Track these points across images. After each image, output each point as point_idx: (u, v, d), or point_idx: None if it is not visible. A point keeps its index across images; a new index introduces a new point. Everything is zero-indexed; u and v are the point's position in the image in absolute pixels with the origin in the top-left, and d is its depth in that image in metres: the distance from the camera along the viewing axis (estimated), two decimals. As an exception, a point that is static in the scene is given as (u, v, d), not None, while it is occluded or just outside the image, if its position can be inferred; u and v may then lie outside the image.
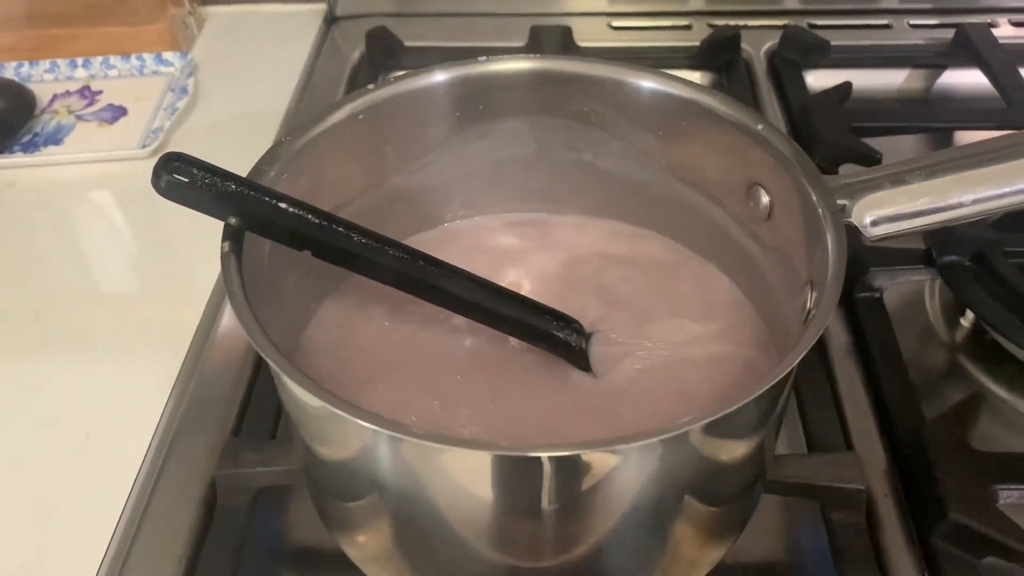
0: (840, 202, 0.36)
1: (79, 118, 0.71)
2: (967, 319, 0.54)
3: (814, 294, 0.35)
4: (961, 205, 0.36)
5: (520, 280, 0.47)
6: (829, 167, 0.62)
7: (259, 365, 0.52)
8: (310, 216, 0.36)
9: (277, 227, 0.36)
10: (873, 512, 0.44)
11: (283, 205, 0.36)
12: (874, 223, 0.36)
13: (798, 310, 0.37)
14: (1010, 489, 0.43)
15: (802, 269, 0.38)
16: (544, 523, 0.34)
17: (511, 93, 0.44)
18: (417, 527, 0.36)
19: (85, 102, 0.73)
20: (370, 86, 0.42)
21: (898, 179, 0.37)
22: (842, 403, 0.49)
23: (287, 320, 0.42)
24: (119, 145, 0.67)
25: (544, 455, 0.30)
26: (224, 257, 0.35)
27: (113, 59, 0.75)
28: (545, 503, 0.32)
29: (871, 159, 0.60)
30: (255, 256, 0.37)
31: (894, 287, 0.55)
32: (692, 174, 0.44)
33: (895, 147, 0.63)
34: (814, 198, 0.36)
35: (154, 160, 0.35)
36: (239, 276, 0.34)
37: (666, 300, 0.45)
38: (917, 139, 0.68)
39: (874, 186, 0.37)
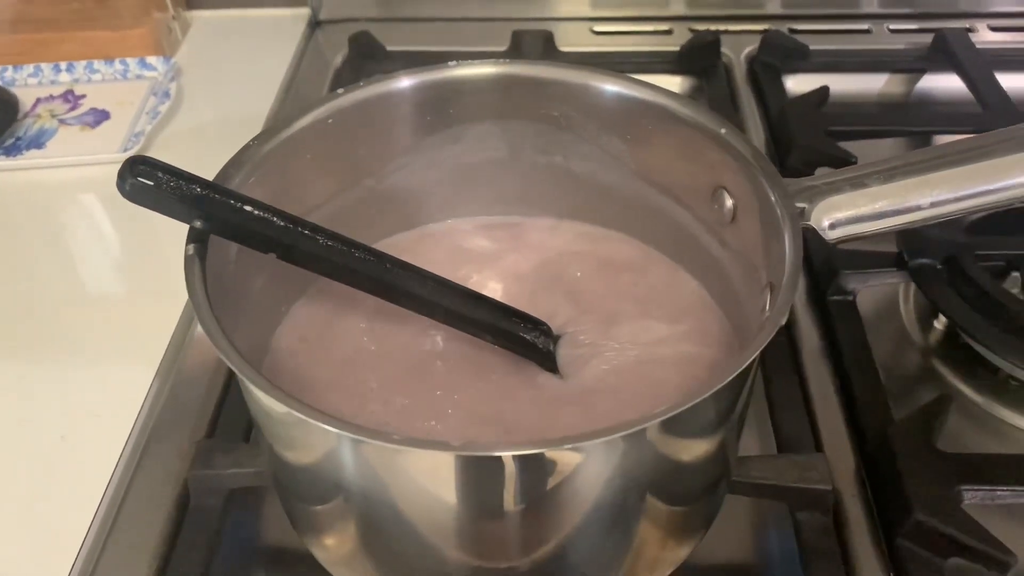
0: (799, 205, 0.36)
1: (62, 122, 0.71)
2: (940, 322, 0.55)
3: (772, 296, 0.35)
4: (919, 208, 0.36)
5: (492, 282, 0.47)
6: (805, 170, 0.62)
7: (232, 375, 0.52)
8: (275, 219, 0.36)
9: (242, 230, 0.36)
10: (841, 512, 0.44)
11: (248, 208, 0.36)
12: (832, 226, 0.36)
13: (759, 312, 0.38)
14: (975, 490, 0.43)
15: (763, 271, 0.38)
16: (507, 523, 0.34)
17: (481, 97, 0.45)
18: (383, 529, 0.36)
19: (68, 106, 0.73)
20: (339, 90, 0.43)
21: (857, 182, 0.37)
22: (813, 405, 0.49)
23: (256, 322, 0.42)
24: (101, 149, 0.68)
25: (504, 454, 0.30)
26: (188, 260, 0.35)
27: (97, 63, 0.76)
28: (507, 503, 0.33)
29: (846, 162, 0.61)
30: (222, 259, 0.37)
31: (867, 290, 0.56)
32: (660, 177, 0.45)
33: (872, 151, 0.64)
34: (773, 200, 0.36)
35: None
36: (202, 279, 0.34)
37: (635, 302, 0.46)
38: (895, 143, 0.68)
39: (834, 189, 0.37)
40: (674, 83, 0.76)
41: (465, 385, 0.42)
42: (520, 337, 0.41)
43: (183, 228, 0.37)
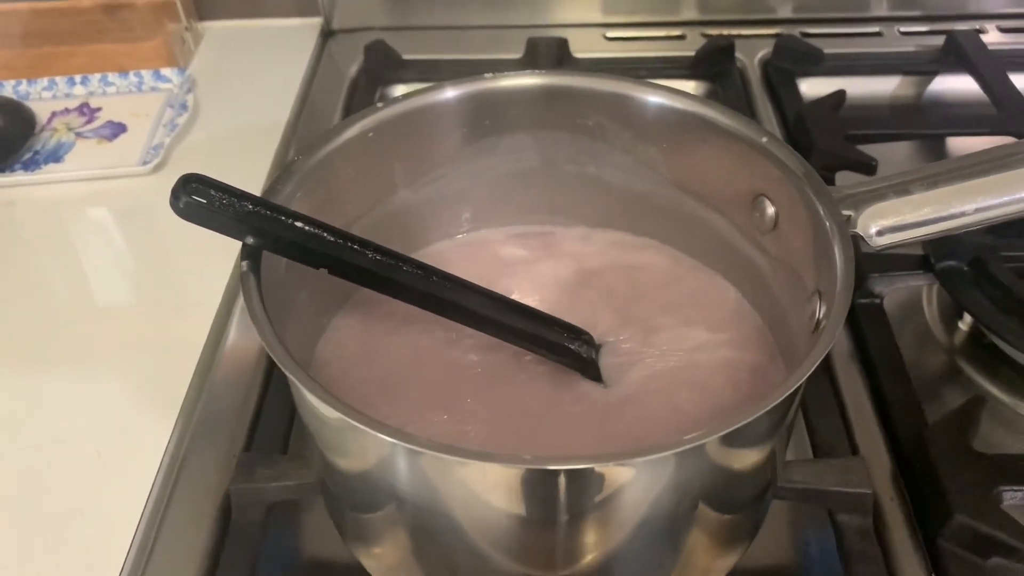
0: (845, 213, 0.37)
1: (79, 135, 0.71)
2: (965, 323, 0.55)
3: (823, 304, 0.36)
4: (964, 214, 0.36)
5: (528, 292, 0.47)
6: (826, 174, 0.63)
7: (268, 380, 0.52)
8: (325, 234, 0.37)
9: (293, 245, 0.36)
10: (879, 515, 0.45)
11: (299, 224, 0.36)
12: (879, 233, 0.37)
13: (806, 319, 0.38)
14: (1014, 490, 0.43)
15: (808, 278, 0.39)
16: (560, 534, 0.34)
17: (516, 108, 0.45)
18: (434, 538, 0.36)
19: (84, 119, 0.73)
20: (379, 103, 0.43)
21: (901, 189, 0.37)
22: (846, 408, 0.50)
23: (301, 334, 0.42)
24: (120, 162, 0.67)
25: (562, 467, 0.31)
26: (244, 277, 0.35)
27: (111, 76, 0.76)
28: (561, 515, 0.33)
29: (867, 166, 0.61)
30: (271, 273, 0.37)
31: (893, 292, 0.56)
32: (696, 186, 0.45)
33: (889, 153, 0.64)
34: (820, 210, 0.37)
35: (155, 176, 0.35)
36: (259, 295, 0.34)
37: (672, 309, 0.46)
38: (910, 145, 0.69)
39: (877, 196, 0.37)
40: (688, 88, 0.76)
41: (507, 394, 0.42)
42: (565, 347, 0.41)
43: (202, 240, 0.37)
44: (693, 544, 0.37)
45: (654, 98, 0.43)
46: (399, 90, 0.77)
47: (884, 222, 0.37)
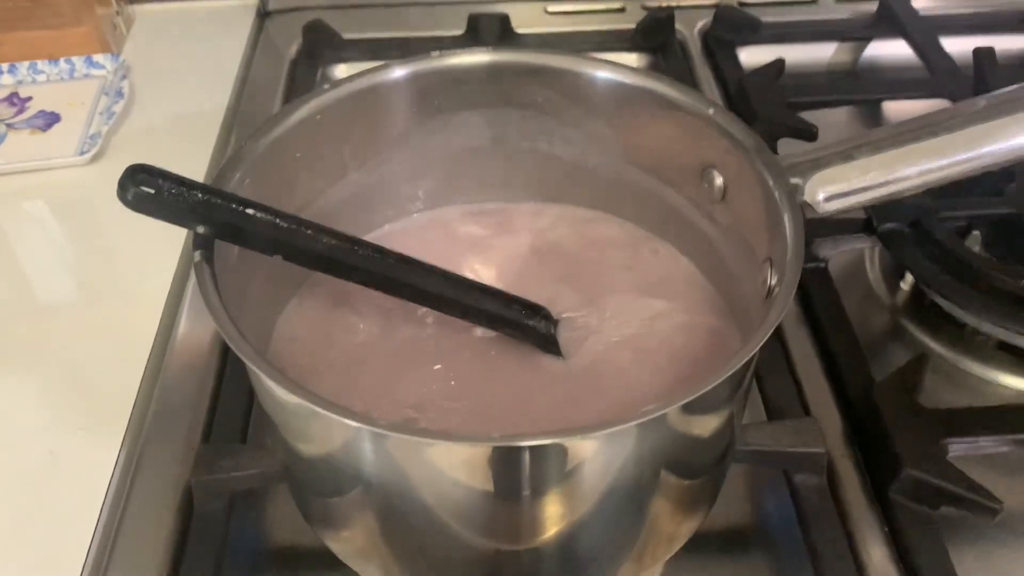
0: (793, 181, 0.38)
1: (10, 127, 0.69)
2: (907, 283, 0.57)
3: (774, 271, 0.36)
4: (907, 178, 0.38)
5: (485, 268, 0.47)
6: (769, 143, 0.64)
7: (223, 368, 0.52)
8: (278, 220, 0.36)
9: (245, 233, 0.36)
10: (833, 473, 0.46)
11: (251, 211, 0.36)
12: (827, 199, 0.37)
13: (758, 285, 0.39)
14: (958, 442, 0.45)
15: (759, 247, 0.39)
16: (527, 508, 0.35)
17: (465, 87, 0.45)
18: (401, 518, 0.36)
19: (15, 110, 0.70)
20: (326, 86, 0.42)
21: (846, 155, 0.38)
22: (796, 370, 0.51)
23: (257, 319, 0.42)
24: (56, 153, 0.65)
25: (527, 444, 0.31)
26: (197, 267, 0.35)
27: (40, 63, 0.73)
28: (527, 490, 0.33)
29: (808, 133, 0.63)
30: (224, 259, 0.37)
31: (837, 256, 0.58)
32: (646, 159, 0.45)
33: (828, 119, 0.66)
34: (769, 179, 0.37)
35: (94, 167, 0.34)
36: (214, 285, 0.34)
37: (626, 280, 0.47)
38: (848, 111, 0.71)
39: (823, 163, 0.38)
40: (631, 60, 0.76)
41: (468, 371, 0.42)
42: (524, 324, 0.42)
43: (144, 229, 0.37)
44: (657, 511, 0.38)
45: (601, 73, 0.43)
46: (341, 70, 0.76)
47: (831, 188, 0.37)
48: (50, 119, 0.69)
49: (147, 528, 0.45)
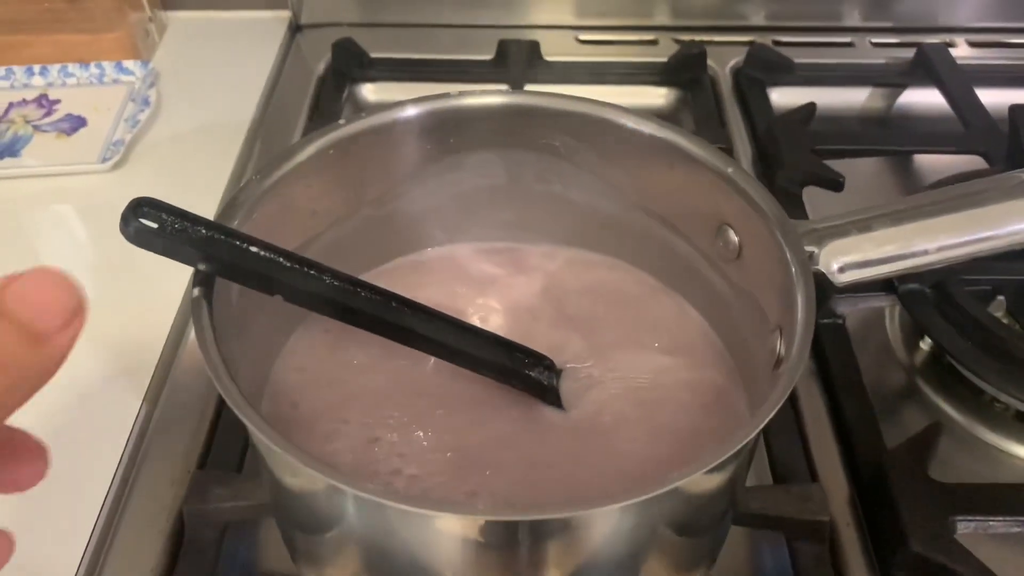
0: (808, 249, 0.37)
1: (36, 128, 0.69)
2: (926, 343, 0.56)
3: (783, 341, 0.35)
4: (925, 252, 0.37)
5: (492, 307, 0.47)
6: (793, 189, 0.63)
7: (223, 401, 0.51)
8: (281, 259, 0.36)
9: (247, 272, 0.36)
10: (836, 540, 0.45)
11: (253, 249, 0.35)
12: (841, 270, 0.36)
13: (767, 352, 0.38)
14: (968, 520, 0.44)
15: (770, 311, 0.38)
16: (516, 566, 0.34)
17: (482, 127, 0.44)
18: (384, 563, 0.36)
19: (43, 112, 0.71)
20: (341, 120, 0.42)
21: (864, 225, 0.37)
22: (806, 431, 0.50)
23: (256, 354, 0.42)
24: (79, 158, 0.66)
25: (520, 519, 0.30)
26: (195, 303, 0.34)
27: (72, 67, 0.74)
28: (517, 552, 0.33)
29: (835, 183, 0.61)
30: (225, 295, 0.36)
31: (855, 313, 0.56)
32: (662, 209, 0.44)
33: (856, 168, 0.64)
34: (783, 245, 0.36)
35: (115, 174, 0.34)
36: (211, 324, 0.34)
37: (635, 331, 0.46)
38: (877, 161, 0.69)
39: (841, 232, 0.37)
40: (660, 94, 0.75)
41: (467, 421, 0.42)
42: (525, 375, 0.41)
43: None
44: (655, 571, 0.37)
45: (621, 121, 0.42)
46: (368, 89, 0.76)
47: (846, 259, 0.37)
48: (76, 123, 0.70)
49: (137, 551, 0.44)
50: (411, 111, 0.43)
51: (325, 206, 0.43)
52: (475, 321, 0.45)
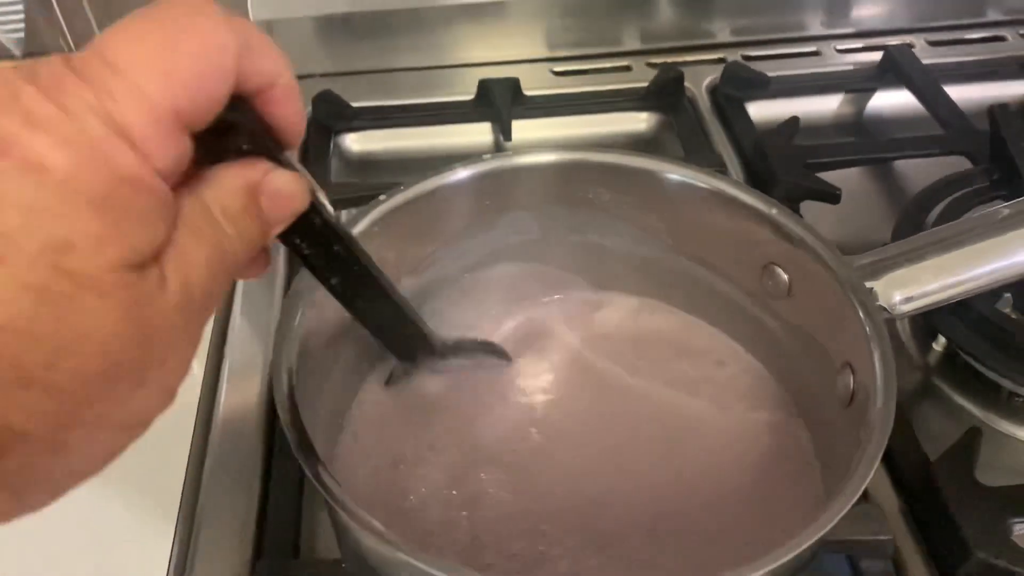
0: (868, 284, 0.37)
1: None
2: (939, 343, 0.57)
3: (856, 377, 0.36)
4: (979, 277, 0.38)
5: (536, 362, 0.47)
6: (791, 205, 0.64)
7: (267, 476, 0.50)
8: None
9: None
10: (897, 557, 0.46)
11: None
12: (903, 302, 0.37)
13: (832, 387, 0.38)
14: (1021, 522, 0.45)
15: (831, 346, 0.39)
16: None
17: (515, 188, 0.44)
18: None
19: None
20: (382, 196, 0.41)
21: (914, 256, 0.38)
22: (849, 450, 0.51)
23: (331, 407, 0.41)
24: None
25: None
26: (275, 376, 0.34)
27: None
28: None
29: (832, 196, 0.63)
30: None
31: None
32: (702, 253, 0.45)
33: (848, 179, 0.66)
34: (840, 281, 0.37)
35: None
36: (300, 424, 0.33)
37: (683, 374, 0.46)
38: (863, 169, 0.71)
39: (893, 265, 0.38)
40: (641, 119, 0.76)
41: (547, 467, 0.42)
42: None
43: None
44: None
45: (653, 169, 0.43)
46: (351, 139, 0.75)
47: (907, 291, 0.37)
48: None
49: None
50: (458, 175, 0.43)
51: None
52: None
